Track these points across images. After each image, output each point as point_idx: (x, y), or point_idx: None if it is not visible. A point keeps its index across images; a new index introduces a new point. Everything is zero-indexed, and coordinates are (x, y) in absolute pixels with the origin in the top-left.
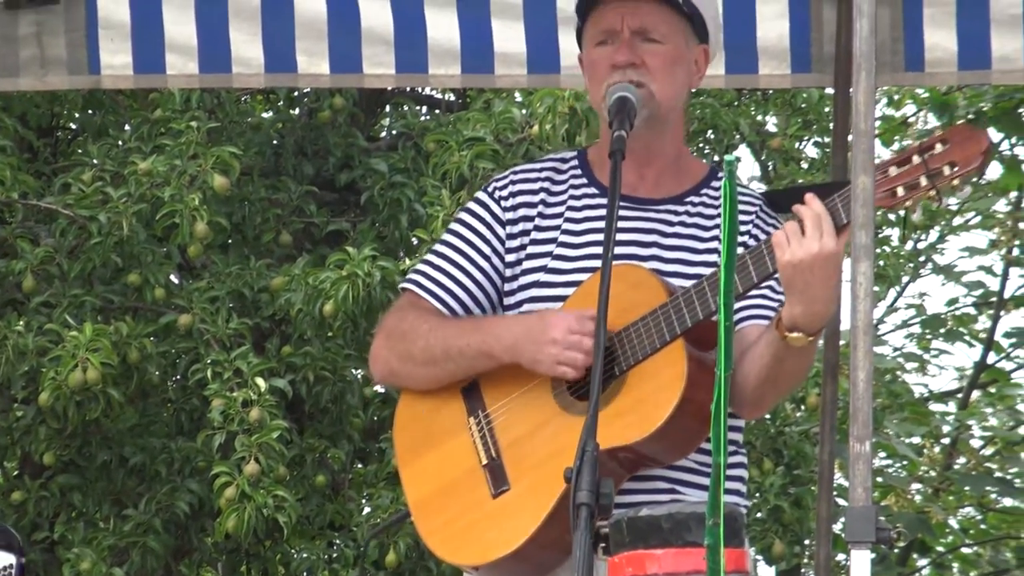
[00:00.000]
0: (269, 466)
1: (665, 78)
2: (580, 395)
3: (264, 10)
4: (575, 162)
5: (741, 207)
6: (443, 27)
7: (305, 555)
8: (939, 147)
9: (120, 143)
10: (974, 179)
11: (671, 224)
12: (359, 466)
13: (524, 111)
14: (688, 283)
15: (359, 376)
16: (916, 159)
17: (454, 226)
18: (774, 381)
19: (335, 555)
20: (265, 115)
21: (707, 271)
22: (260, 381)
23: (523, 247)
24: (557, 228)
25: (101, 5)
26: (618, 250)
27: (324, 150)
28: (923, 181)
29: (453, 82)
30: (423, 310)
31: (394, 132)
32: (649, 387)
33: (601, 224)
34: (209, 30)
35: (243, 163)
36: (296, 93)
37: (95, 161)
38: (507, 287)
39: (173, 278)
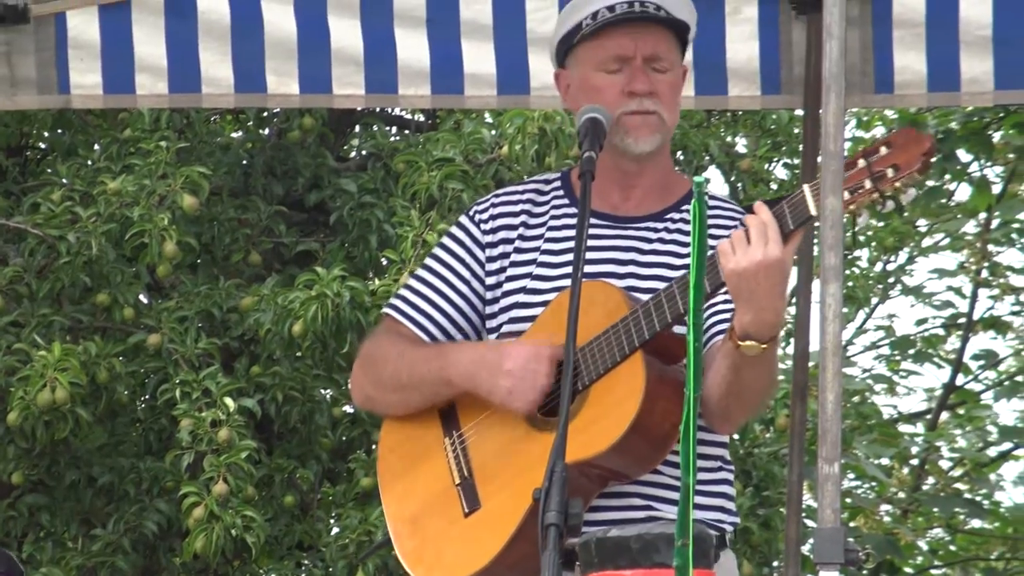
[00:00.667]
0: (238, 486)
1: (672, 105)
2: (547, 412)
3: (234, 30)
4: (558, 183)
5: (723, 220)
6: (413, 48)
7: (273, 575)
8: (883, 150)
9: (89, 163)
10: (917, 179)
11: (649, 241)
12: (328, 486)
13: (494, 132)
14: None
15: (328, 396)
16: (861, 163)
17: (435, 251)
18: (737, 394)
19: (303, 575)
20: (234, 135)
21: None
22: (229, 401)
23: (503, 269)
24: (537, 249)
25: (71, 25)
26: (595, 268)
27: (293, 170)
28: (867, 184)
29: (423, 102)
30: (400, 336)
31: (364, 152)
32: (609, 400)
33: None
34: (179, 50)
35: (212, 183)
36: (266, 113)
37: (64, 181)
38: (488, 310)
39: (142, 298)
